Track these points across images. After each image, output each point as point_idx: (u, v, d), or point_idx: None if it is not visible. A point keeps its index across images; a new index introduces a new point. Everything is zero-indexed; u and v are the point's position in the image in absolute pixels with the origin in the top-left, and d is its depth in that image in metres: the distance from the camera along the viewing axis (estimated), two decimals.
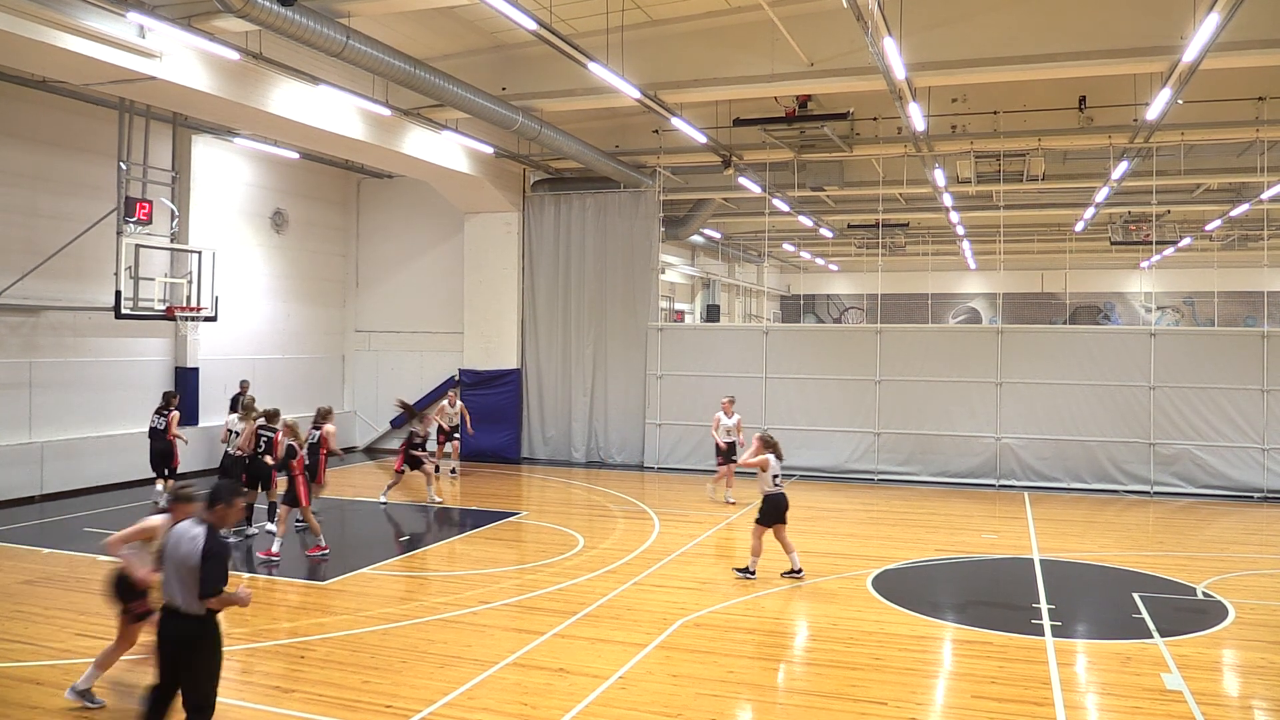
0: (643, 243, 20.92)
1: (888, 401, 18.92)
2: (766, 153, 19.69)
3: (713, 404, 19.66)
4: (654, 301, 21.00)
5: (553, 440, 21.19)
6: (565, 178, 21.25)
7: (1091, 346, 18.69)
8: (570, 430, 21.03)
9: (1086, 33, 13.84)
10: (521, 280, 21.45)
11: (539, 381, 21.33)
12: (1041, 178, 20.86)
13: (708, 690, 7.81)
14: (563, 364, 21.17)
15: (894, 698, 7.70)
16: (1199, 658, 8.76)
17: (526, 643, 8.78)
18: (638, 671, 8.13)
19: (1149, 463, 17.56)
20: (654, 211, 21.05)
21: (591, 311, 20.99)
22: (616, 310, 20.81)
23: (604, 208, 21.03)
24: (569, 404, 21.08)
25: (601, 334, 20.91)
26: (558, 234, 21.30)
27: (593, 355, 20.93)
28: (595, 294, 20.97)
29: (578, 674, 8.03)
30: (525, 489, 18.46)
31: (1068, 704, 7.58)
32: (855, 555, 12.56)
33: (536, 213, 21.49)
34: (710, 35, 15.66)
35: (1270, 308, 35.21)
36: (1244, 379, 17.35)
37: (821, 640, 9.43)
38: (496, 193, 20.59)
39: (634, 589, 10.76)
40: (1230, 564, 12.10)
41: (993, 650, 8.96)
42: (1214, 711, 7.46)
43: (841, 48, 14.31)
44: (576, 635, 9.09)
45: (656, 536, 13.55)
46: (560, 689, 7.72)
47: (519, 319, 21.43)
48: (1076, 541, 13.76)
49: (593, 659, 8.40)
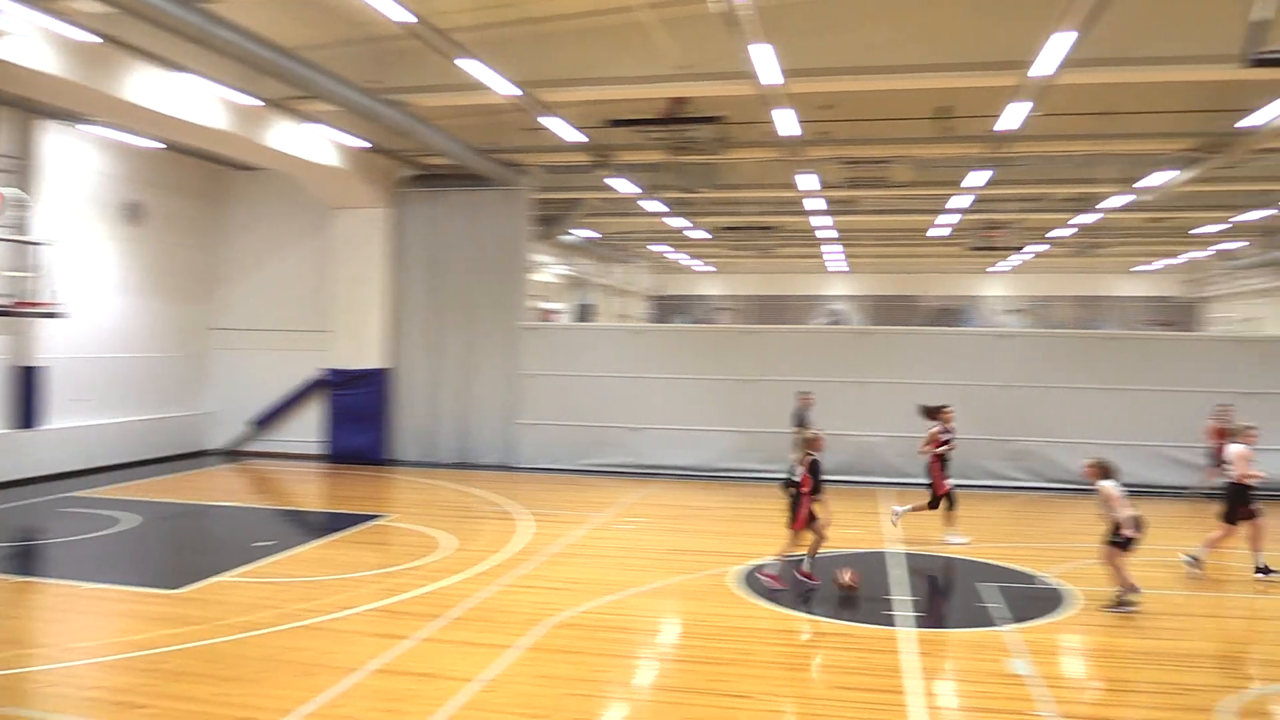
0: (515, 241, 20.78)
1: (757, 401, 19.27)
2: (640, 154, 19.81)
3: (585, 404, 19.75)
4: (525, 301, 20.91)
5: (421, 441, 20.82)
6: (437, 174, 20.92)
7: (949, 347, 19.50)
8: (439, 431, 20.71)
9: (950, 46, 14.36)
10: (390, 278, 21.03)
11: (407, 381, 20.94)
12: (904, 184, 21.60)
13: (575, 690, 7.81)
14: (432, 363, 20.83)
15: (758, 691, 7.86)
16: (1043, 643, 9.23)
17: (391, 648, 8.62)
18: (505, 674, 8.08)
19: (1000, 459, 18.39)
20: (526, 210, 20.94)
21: (462, 310, 20.72)
22: (487, 309, 20.60)
23: (476, 205, 20.79)
24: (438, 404, 20.76)
25: (472, 333, 20.66)
26: (428, 231, 20.95)
27: (463, 355, 20.66)
28: (466, 293, 20.71)
29: (444, 678, 7.93)
30: (391, 491, 18.12)
31: (921, 691, 7.87)
32: (722, 552, 12.75)
33: (407, 209, 21.10)
34: (586, 35, 15.65)
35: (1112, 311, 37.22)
36: (1086, 378, 18.34)
37: (688, 637, 9.55)
38: (365, 188, 20.15)
39: (503, 590, 10.68)
40: (1074, 554, 12.73)
41: (852, 642, 9.25)
42: (1057, 693, 7.85)
43: (715, 51, 14.47)
44: (443, 639, 8.97)
45: (526, 537, 13.49)
46: (426, 694, 7.60)
47: (387, 318, 21.01)
48: (932, 535, 14.29)
49: (459, 662, 8.30)
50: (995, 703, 7.72)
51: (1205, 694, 7.88)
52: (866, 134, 18.66)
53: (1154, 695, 7.95)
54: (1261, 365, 18.20)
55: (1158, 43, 13.52)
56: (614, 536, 13.91)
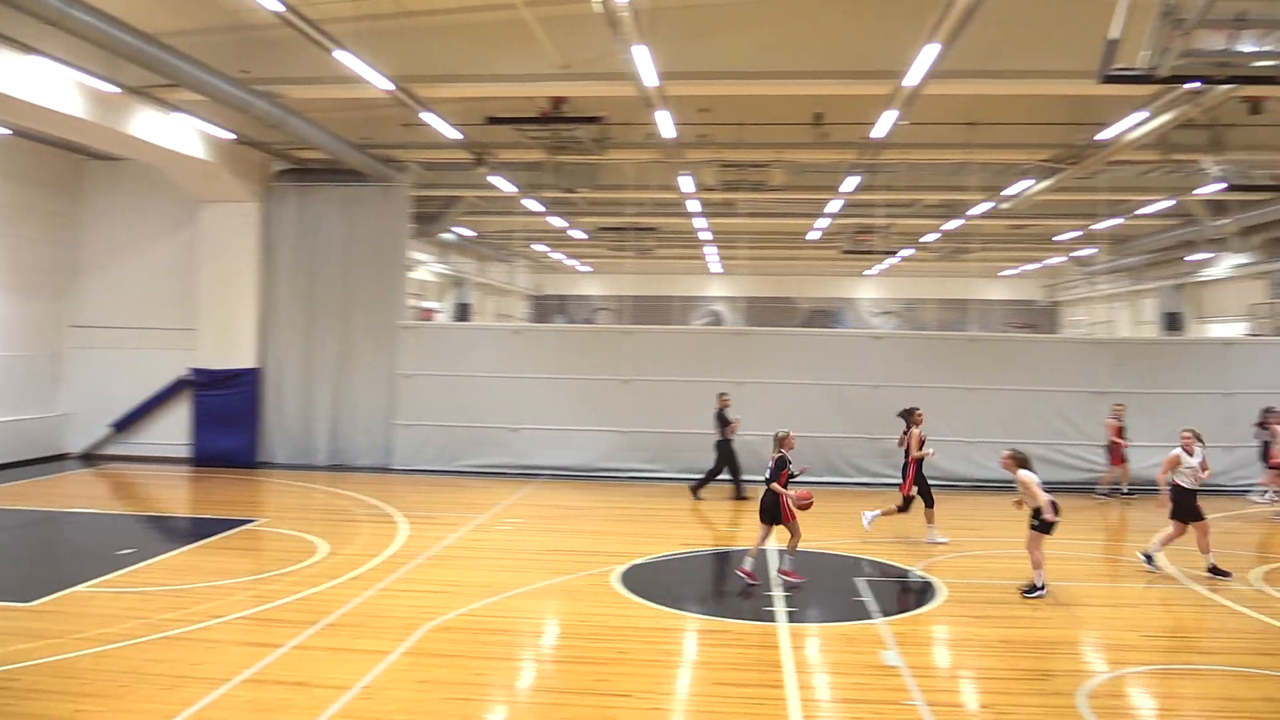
0: (391, 239, 20.39)
1: (635, 401, 19.38)
2: (520, 152, 19.69)
3: (464, 404, 19.51)
4: (403, 299, 20.55)
5: (293, 443, 20.21)
6: (310, 168, 20.35)
7: (823, 348, 19.99)
8: (312, 432, 20.15)
9: (824, 54, 14.70)
10: (261, 274, 20.35)
11: (279, 381, 20.30)
12: (781, 188, 22.03)
13: (454, 694, 7.72)
14: (305, 363, 20.25)
15: (638, 689, 7.89)
16: (913, 634, 9.56)
17: (262, 657, 8.34)
18: (382, 680, 7.92)
19: (873, 457, 18.92)
20: (404, 207, 20.58)
21: (337, 309, 20.20)
22: (363, 308, 20.15)
23: (351, 201, 20.31)
24: (311, 405, 20.19)
25: (347, 332, 20.17)
26: (302, 227, 20.36)
27: (337, 354, 20.15)
28: (341, 291, 20.20)
29: (318, 686, 7.71)
30: (262, 494, 17.56)
31: (799, 685, 8.04)
32: (603, 552, 12.77)
33: (279, 204, 20.45)
34: (465, 31, 15.46)
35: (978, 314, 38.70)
36: (954, 378, 19.02)
37: (568, 637, 9.54)
38: (235, 181, 19.45)
39: (379, 595, 10.47)
40: (942, 547, 13.19)
41: (731, 638, 9.38)
42: (926, 682, 8.14)
43: (596, 51, 14.49)
44: (317, 646, 8.74)
45: (403, 540, 13.24)
46: (299, 703, 7.39)
47: (258, 316, 20.33)
48: (808, 531, 14.58)
49: (334, 670, 8.09)
50: (870, 694, 7.94)
51: (1066, 679, 8.28)
52: (744, 138, 18.95)
53: (1017, 682, 8.30)
54: (1114, 366, 19.18)
55: (1020, 57, 14.15)
56: (493, 538, 13.79)
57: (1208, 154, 17.50)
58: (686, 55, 14.59)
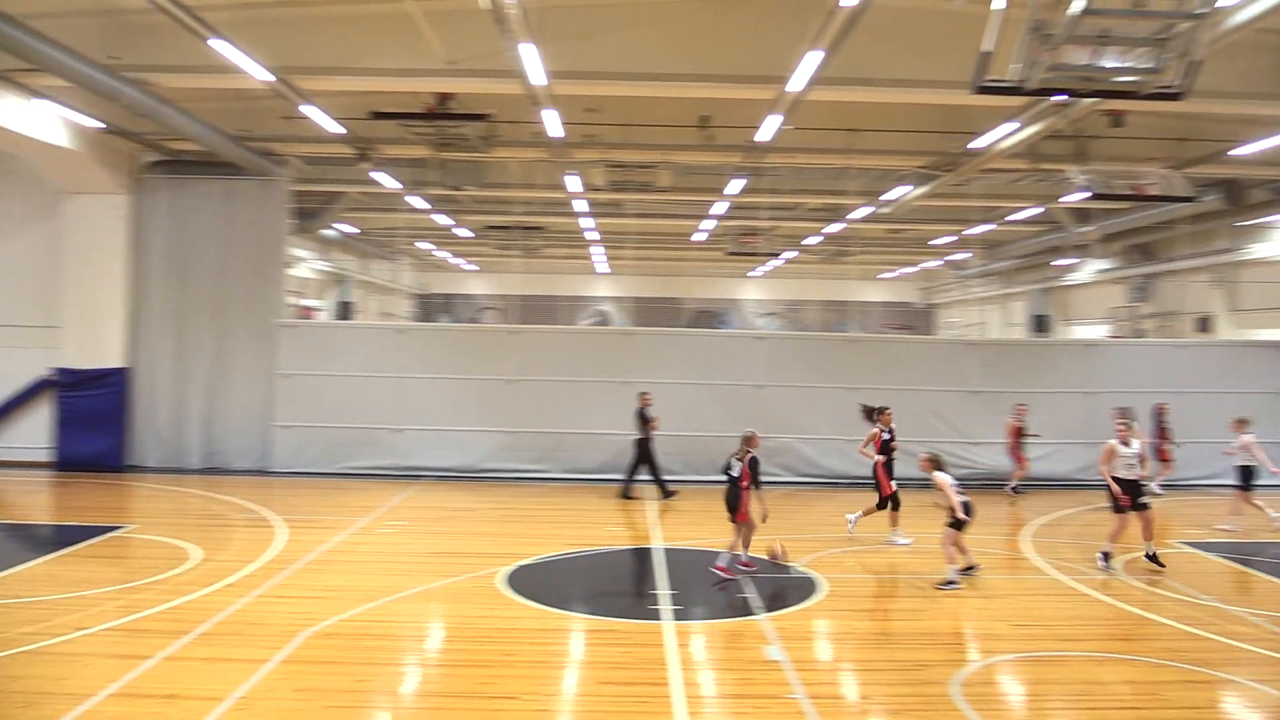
0: (270, 234, 19.78)
1: (521, 401, 19.27)
2: (405, 148, 19.36)
3: (346, 405, 19.07)
4: (282, 297, 19.98)
5: (165, 445, 19.41)
6: (185, 160, 19.60)
7: (709, 348, 20.23)
8: (186, 434, 19.39)
9: (711, 57, 14.87)
10: (132, 270, 19.48)
11: (150, 381, 19.46)
12: (668, 189, 22.20)
13: (335, 702, 7.54)
14: (178, 363, 19.47)
15: (525, 691, 7.86)
16: (796, 629, 9.77)
17: (131, 669, 7.99)
18: (259, 690, 7.68)
19: (758, 455, 19.19)
20: (283, 202, 20.00)
21: (212, 306, 19.49)
22: (240, 305, 19.50)
23: (228, 195, 19.63)
24: (185, 406, 19.42)
25: (223, 330, 19.48)
26: (175, 221, 19.57)
27: (213, 353, 19.45)
28: (217, 287, 19.50)
29: (190, 698, 7.44)
30: (132, 499, 16.85)
31: (685, 681, 8.12)
32: (487, 554, 12.64)
33: (150, 196, 19.61)
34: (349, 23, 15.12)
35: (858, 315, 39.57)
36: (835, 378, 19.47)
37: (453, 640, 9.43)
38: (102, 172, 18.59)
39: (256, 602, 10.16)
40: (823, 544, 13.49)
41: (617, 637, 9.41)
42: (807, 675, 8.33)
43: (483, 48, 14.34)
44: (190, 656, 8.42)
45: (282, 545, 12.87)
46: (171, 717, 7.12)
47: (127, 313, 19.46)
48: (694, 530, 14.77)
49: (208, 681, 7.81)
50: (753, 689, 8.06)
51: (940, 669, 8.56)
52: (631, 138, 19.04)
53: (894, 674, 8.56)
54: (985, 366, 19.91)
55: (898, 67, 14.58)
56: (375, 541, 13.52)
57: (1073, 164, 18.31)
58: (574, 55, 14.58)
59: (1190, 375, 19.96)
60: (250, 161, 19.00)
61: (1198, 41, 8.29)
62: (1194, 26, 8.18)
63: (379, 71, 15.24)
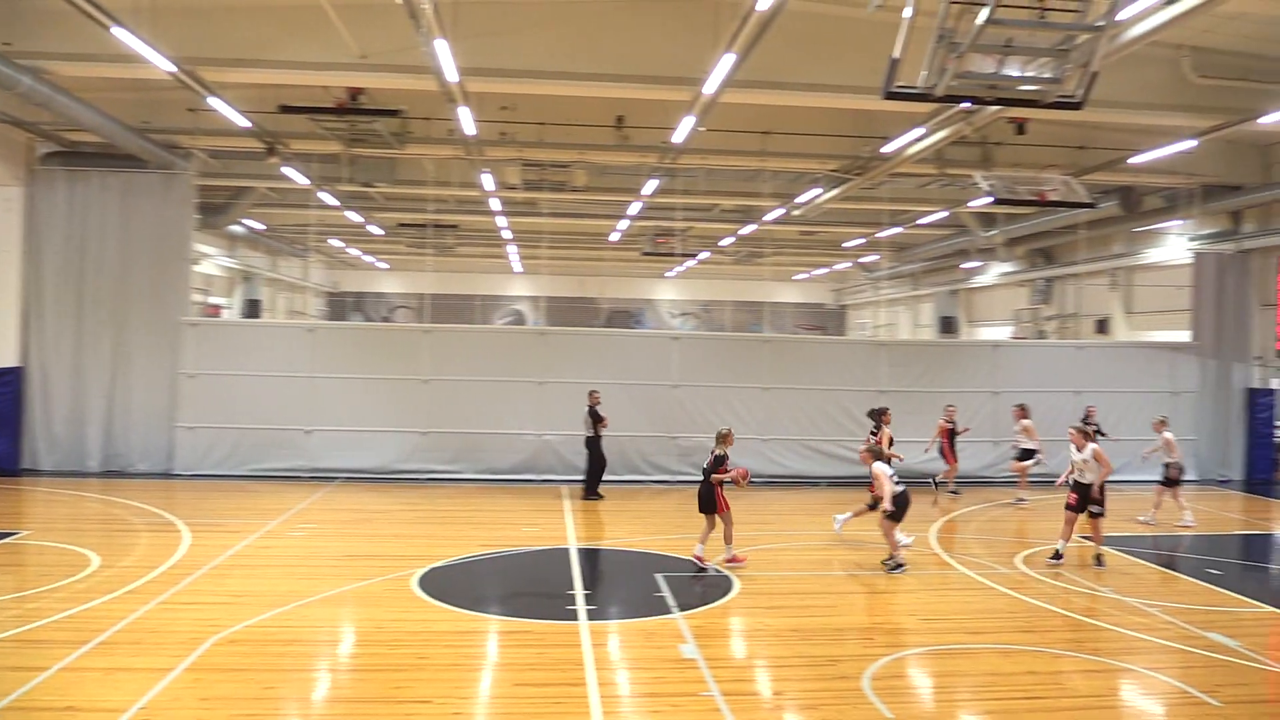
0: (174, 230, 19.19)
1: (435, 401, 19.06)
2: (315, 143, 18.96)
3: (254, 405, 18.61)
4: (187, 295, 19.42)
5: (62, 447, 18.68)
6: (83, 152, 18.90)
7: (624, 348, 20.27)
8: (84, 436, 18.68)
9: (626, 58, 14.91)
10: (24, 265, 18.69)
11: (44, 381, 18.69)
12: (583, 189, 22.17)
13: (242, 710, 7.36)
14: (76, 362, 18.76)
15: (438, 695, 7.77)
16: (710, 627, 9.84)
17: (26, 681, 7.67)
18: (162, 700, 7.45)
19: (671, 454, 19.35)
20: (188, 196, 19.44)
21: (112, 304, 18.82)
22: (142, 303, 18.86)
23: (130, 188, 18.97)
24: (83, 406, 18.72)
25: (124, 329, 18.83)
26: (73, 214, 18.87)
27: (112, 352, 18.78)
28: (117, 284, 18.83)
29: (90, 710, 7.19)
30: (26, 504, 16.20)
31: (600, 681, 8.12)
32: (401, 556, 12.47)
33: (46, 189, 18.84)
34: (257, 14, 14.77)
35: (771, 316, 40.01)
36: (749, 378, 19.70)
37: (365, 645, 9.27)
38: None
39: (159, 609, 9.85)
40: (738, 541, 13.58)
41: (532, 638, 9.36)
42: (722, 673, 8.41)
43: (395, 43, 14.16)
44: (89, 667, 8.13)
45: (186, 550, 12.51)
46: None
47: (20, 310, 18.67)
48: (608, 530, 14.79)
49: (109, 692, 7.56)
50: (669, 687, 8.10)
51: (852, 664, 8.71)
52: (547, 137, 18.97)
53: (808, 669, 8.68)
54: (895, 366, 20.33)
55: (811, 71, 14.82)
56: (284, 545, 13.22)
57: (978, 169, 18.79)
58: (488, 52, 14.48)
59: (1089, 375, 20.69)
60: (153, 154, 18.43)
61: (1096, 53, 8.60)
62: (1093, 39, 8.48)
63: (289, 64, 14.93)
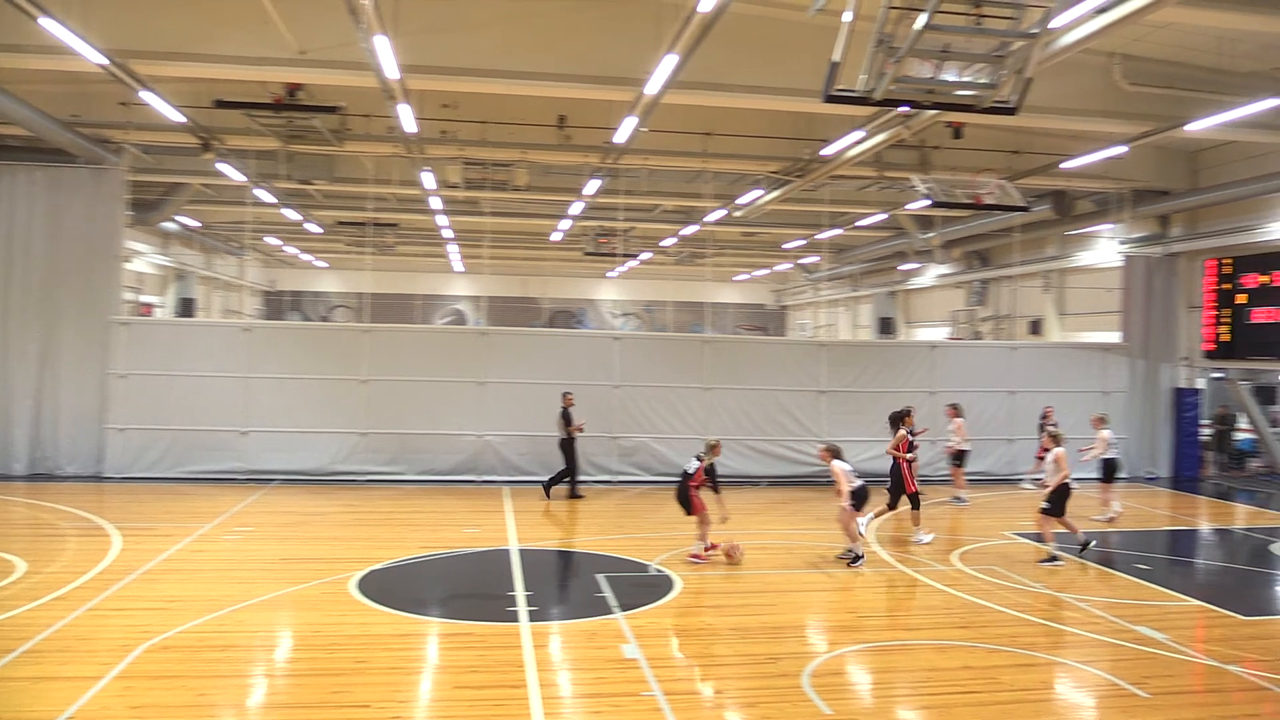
0: (105, 227, 18.72)
1: (374, 401, 18.85)
2: (251, 139, 18.64)
3: (188, 406, 18.23)
4: (118, 293, 18.97)
5: None
6: (8, 146, 18.38)
7: (565, 349, 20.23)
8: (10, 439, 18.14)
9: (568, 57, 14.88)
10: None
11: None
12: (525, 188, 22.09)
13: (175, 718, 7.20)
14: (1, 362, 18.24)
15: (377, 699, 7.68)
16: (652, 627, 9.84)
17: None
18: (92, 708, 7.27)
19: (613, 455, 19.35)
20: (119, 192, 18.99)
21: (39, 302, 18.30)
22: (71, 301, 18.38)
23: (57, 184, 18.48)
24: (8, 408, 18.16)
25: (51, 328, 18.32)
26: None
27: (39, 352, 18.26)
28: (44, 282, 18.32)
29: None
30: None
31: (541, 682, 8.09)
32: (339, 559, 12.31)
33: None
34: (192, 6, 14.46)
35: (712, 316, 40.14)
36: (690, 378, 19.78)
37: (302, 649, 9.12)
38: None
39: (88, 615, 9.61)
40: (678, 541, 13.64)
41: (473, 641, 9.30)
42: (663, 672, 8.42)
43: (335, 39, 13.96)
44: (15, 676, 7.90)
45: (116, 554, 12.22)
46: None
47: None
48: (550, 531, 14.75)
49: (36, 701, 7.36)
50: (610, 687, 8.10)
51: (792, 661, 8.78)
52: (489, 136, 18.86)
53: (748, 667, 8.73)
54: (834, 366, 20.54)
55: (752, 74, 14.92)
56: (219, 548, 12.97)
57: (916, 172, 19.09)
58: (429, 49, 14.36)
59: (1023, 375, 21.11)
60: (82, 149, 17.98)
61: (1030, 60, 8.77)
62: (1027, 45, 8.64)
63: (225, 59, 14.65)
